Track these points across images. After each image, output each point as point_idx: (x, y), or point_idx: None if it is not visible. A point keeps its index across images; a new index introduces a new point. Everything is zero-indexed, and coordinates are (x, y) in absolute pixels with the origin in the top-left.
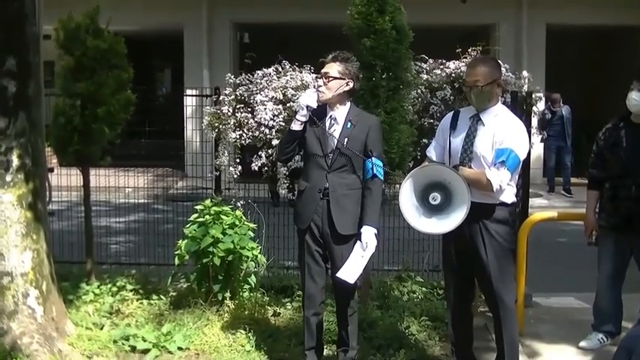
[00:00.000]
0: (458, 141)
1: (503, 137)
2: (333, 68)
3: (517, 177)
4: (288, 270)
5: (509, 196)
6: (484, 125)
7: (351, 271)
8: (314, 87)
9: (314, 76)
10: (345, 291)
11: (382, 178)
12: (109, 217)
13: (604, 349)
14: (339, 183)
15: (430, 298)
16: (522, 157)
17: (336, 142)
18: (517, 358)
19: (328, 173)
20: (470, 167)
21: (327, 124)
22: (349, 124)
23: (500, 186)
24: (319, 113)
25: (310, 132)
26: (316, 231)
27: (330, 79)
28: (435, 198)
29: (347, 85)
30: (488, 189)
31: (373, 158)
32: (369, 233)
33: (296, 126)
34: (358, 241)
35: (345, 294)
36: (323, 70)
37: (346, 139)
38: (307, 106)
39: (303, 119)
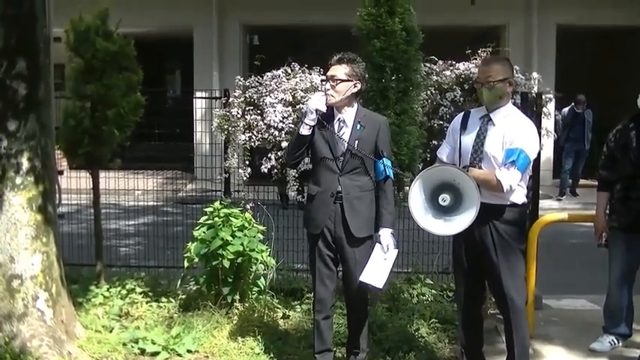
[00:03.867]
0: (468, 141)
1: (514, 137)
2: (340, 70)
3: (527, 177)
4: (297, 272)
5: (519, 196)
6: (494, 125)
7: (376, 275)
8: (322, 90)
9: (323, 78)
10: (358, 295)
11: (393, 177)
12: (118, 220)
13: (615, 352)
14: (352, 185)
15: (440, 301)
16: (533, 157)
17: (346, 144)
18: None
19: (340, 176)
20: (480, 168)
21: (336, 126)
22: (359, 125)
23: (511, 186)
24: (327, 116)
25: (319, 136)
26: (328, 235)
27: (338, 81)
28: (445, 199)
29: (354, 86)
30: (499, 189)
31: (384, 159)
32: (387, 235)
33: (305, 130)
34: (377, 244)
35: (358, 298)
36: (329, 74)
37: (357, 141)
38: (316, 110)
39: (312, 123)
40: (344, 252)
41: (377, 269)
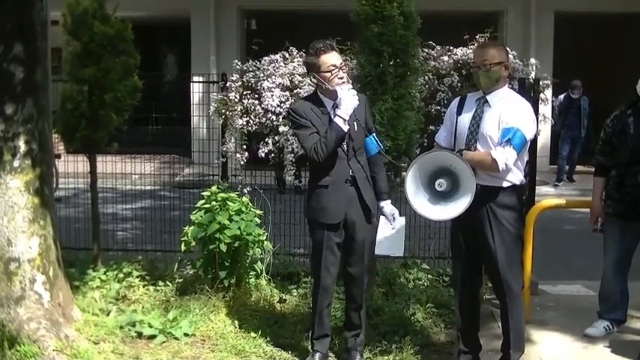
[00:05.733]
0: (464, 123)
1: (510, 117)
2: (339, 57)
3: (525, 159)
4: (294, 257)
5: (517, 176)
6: (490, 106)
7: (391, 244)
8: (344, 84)
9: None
10: (358, 279)
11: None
12: (115, 204)
13: (610, 337)
14: (359, 167)
15: (436, 285)
16: (529, 136)
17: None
18: (523, 344)
19: (349, 160)
20: (475, 149)
21: (331, 113)
22: None
23: (507, 165)
24: (322, 105)
25: (321, 126)
26: (341, 222)
27: (345, 68)
28: (441, 184)
29: None
30: (494, 169)
31: (373, 133)
32: (390, 206)
33: (344, 125)
34: (382, 217)
35: (358, 282)
36: (337, 62)
37: (355, 122)
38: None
39: (347, 118)
40: (354, 235)
41: (390, 239)
